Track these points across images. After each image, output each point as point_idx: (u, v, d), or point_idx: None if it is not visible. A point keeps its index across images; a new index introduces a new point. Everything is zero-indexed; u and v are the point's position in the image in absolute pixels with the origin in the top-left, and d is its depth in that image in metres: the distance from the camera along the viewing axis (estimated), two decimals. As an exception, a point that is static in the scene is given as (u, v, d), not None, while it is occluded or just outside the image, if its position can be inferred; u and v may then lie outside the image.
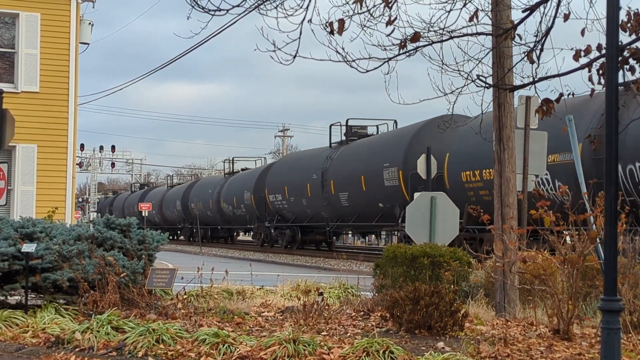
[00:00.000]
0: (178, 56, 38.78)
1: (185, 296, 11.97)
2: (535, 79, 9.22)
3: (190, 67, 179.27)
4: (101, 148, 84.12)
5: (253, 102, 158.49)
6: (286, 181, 39.64)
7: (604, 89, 6.31)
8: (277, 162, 45.53)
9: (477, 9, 9.20)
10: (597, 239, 8.84)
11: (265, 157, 59.08)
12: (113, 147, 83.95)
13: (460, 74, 9.49)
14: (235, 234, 59.60)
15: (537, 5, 8.96)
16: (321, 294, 11.36)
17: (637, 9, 8.29)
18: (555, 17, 8.81)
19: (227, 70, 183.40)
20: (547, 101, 8.93)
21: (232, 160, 56.57)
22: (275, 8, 9.16)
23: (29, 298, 11.00)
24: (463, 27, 9.35)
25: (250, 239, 64.82)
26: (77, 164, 23.64)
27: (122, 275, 11.13)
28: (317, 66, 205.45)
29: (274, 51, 9.03)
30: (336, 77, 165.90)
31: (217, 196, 52.35)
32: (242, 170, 55.18)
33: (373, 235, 49.32)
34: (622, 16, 8.19)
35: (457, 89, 9.65)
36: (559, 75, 8.87)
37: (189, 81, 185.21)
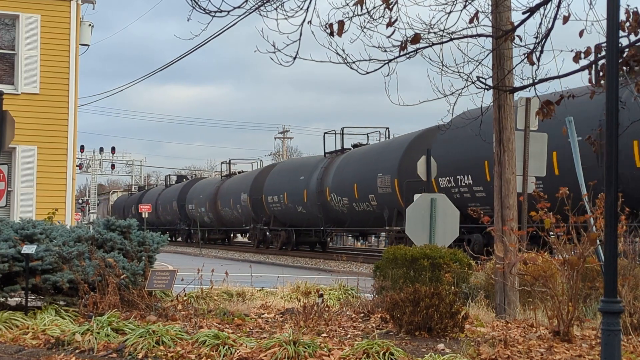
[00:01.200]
0: (177, 58, 38.87)
1: (185, 298, 11.96)
2: (535, 81, 9.23)
3: (189, 70, 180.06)
4: (101, 150, 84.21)
5: (251, 104, 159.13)
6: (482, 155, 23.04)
7: (604, 90, 6.31)
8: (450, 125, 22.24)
9: (477, 11, 9.22)
10: (597, 241, 8.84)
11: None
12: (113, 149, 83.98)
13: (460, 75, 9.51)
14: (328, 238, 42.97)
15: (537, 7, 8.97)
16: (321, 295, 11.35)
17: (636, 8, 8.28)
18: (555, 18, 8.82)
19: (226, 73, 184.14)
20: (547, 103, 8.94)
21: (343, 131, 38.66)
22: (276, 9, 9.17)
23: (29, 299, 10.99)
24: (463, 29, 9.36)
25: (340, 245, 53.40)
26: (77, 166, 23.65)
27: (122, 276, 11.13)
28: (315, 69, 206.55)
29: (274, 52, 9.05)
30: (333, 80, 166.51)
31: (317, 185, 36.44)
32: (356, 146, 37.95)
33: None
34: (621, 15, 8.18)
35: (457, 90, 9.67)
36: (559, 77, 8.88)
37: (188, 84, 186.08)
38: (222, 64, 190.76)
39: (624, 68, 8.30)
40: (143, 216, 52.96)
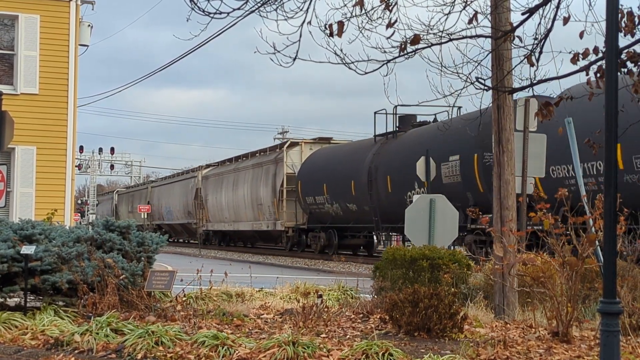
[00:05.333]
0: (176, 59, 38.85)
1: (184, 298, 11.97)
2: (534, 82, 9.23)
3: (186, 73, 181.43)
4: (100, 150, 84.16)
5: (247, 107, 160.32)
6: None
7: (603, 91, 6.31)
8: None
9: (476, 12, 9.21)
10: (597, 242, 8.85)
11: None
12: (112, 149, 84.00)
13: (459, 76, 9.51)
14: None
15: (536, 8, 8.97)
16: (320, 296, 11.35)
17: (630, 8, 8.29)
18: (554, 19, 8.82)
19: (222, 77, 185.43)
20: (546, 104, 8.94)
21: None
22: (275, 10, 9.17)
23: (28, 300, 10.99)
24: (462, 30, 9.37)
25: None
26: (76, 166, 23.66)
27: (121, 277, 11.13)
28: (309, 72, 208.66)
29: (274, 53, 9.05)
30: (328, 84, 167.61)
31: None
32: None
33: None
34: None
35: (456, 91, 9.67)
36: (557, 77, 8.88)
37: (185, 87, 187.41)
38: (218, 68, 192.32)
39: (622, 69, 8.31)
40: (142, 217, 50.51)
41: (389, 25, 8.91)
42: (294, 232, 38.64)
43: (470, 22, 9.16)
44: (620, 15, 8.08)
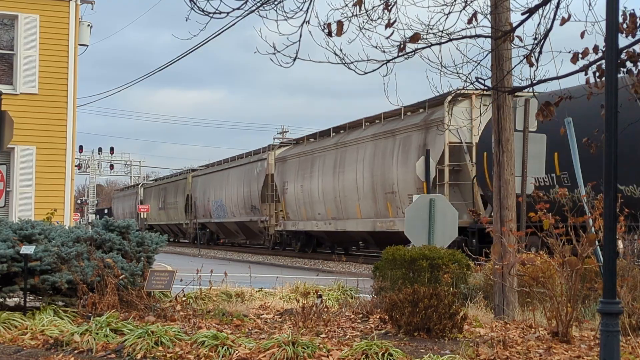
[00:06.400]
0: (175, 59, 38.86)
1: (184, 298, 11.96)
2: (534, 82, 9.22)
3: (185, 74, 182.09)
4: (100, 150, 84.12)
5: (245, 108, 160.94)
6: None
7: (602, 91, 6.30)
8: None
9: (475, 12, 9.20)
10: (596, 242, 8.84)
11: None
12: (112, 149, 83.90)
13: (459, 76, 9.50)
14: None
15: (536, 8, 8.96)
16: (320, 296, 11.36)
17: (633, 10, 8.30)
18: (554, 19, 8.81)
19: (221, 77, 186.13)
20: (547, 105, 8.93)
21: None
22: (275, 10, 9.16)
23: (27, 300, 10.99)
24: (462, 30, 9.36)
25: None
26: (75, 166, 23.65)
27: (121, 277, 11.13)
28: (307, 74, 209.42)
29: (274, 54, 9.04)
30: (325, 85, 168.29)
31: None
32: None
33: None
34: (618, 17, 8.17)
35: (457, 90, 9.65)
36: (557, 77, 8.87)
37: (184, 87, 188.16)
38: (217, 69, 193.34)
39: (622, 69, 8.30)
40: (141, 216, 49.11)
41: (389, 25, 8.90)
42: (464, 235, 23.09)
43: (469, 22, 9.15)
44: (622, 16, 8.07)
